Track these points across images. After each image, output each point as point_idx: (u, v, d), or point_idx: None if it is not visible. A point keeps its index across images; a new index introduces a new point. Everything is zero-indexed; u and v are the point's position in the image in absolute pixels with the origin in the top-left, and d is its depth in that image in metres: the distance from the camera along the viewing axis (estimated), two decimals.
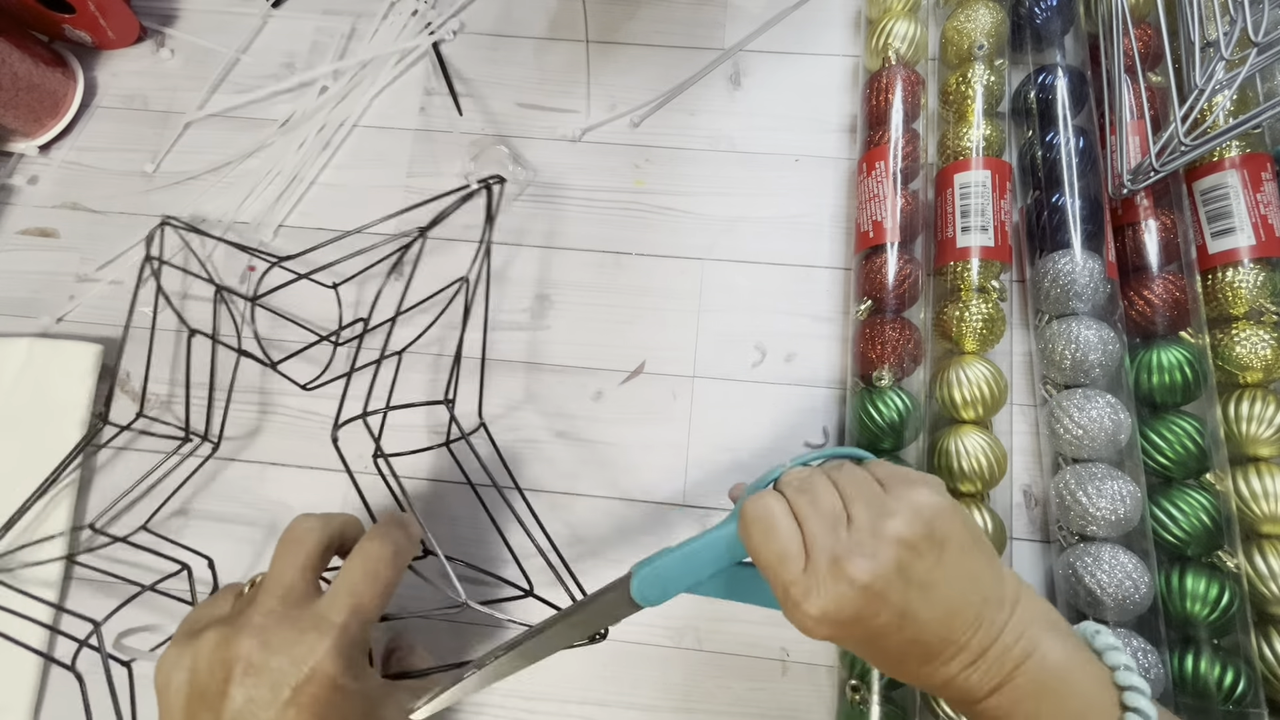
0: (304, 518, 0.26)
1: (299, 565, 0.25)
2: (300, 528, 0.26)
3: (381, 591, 0.25)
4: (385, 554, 0.26)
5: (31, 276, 0.42)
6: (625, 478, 0.38)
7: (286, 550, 0.25)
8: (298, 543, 0.25)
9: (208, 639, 0.23)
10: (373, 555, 0.25)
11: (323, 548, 0.25)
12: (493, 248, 0.40)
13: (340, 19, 0.45)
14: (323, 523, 0.26)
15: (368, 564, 0.25)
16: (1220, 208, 0.35)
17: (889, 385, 0.35)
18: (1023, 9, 0.40)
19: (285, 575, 0.25)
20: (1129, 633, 0.31)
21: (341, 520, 0.27)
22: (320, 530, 0.26)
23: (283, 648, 0.23)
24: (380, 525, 0.27)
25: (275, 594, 0.24)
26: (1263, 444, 0.33)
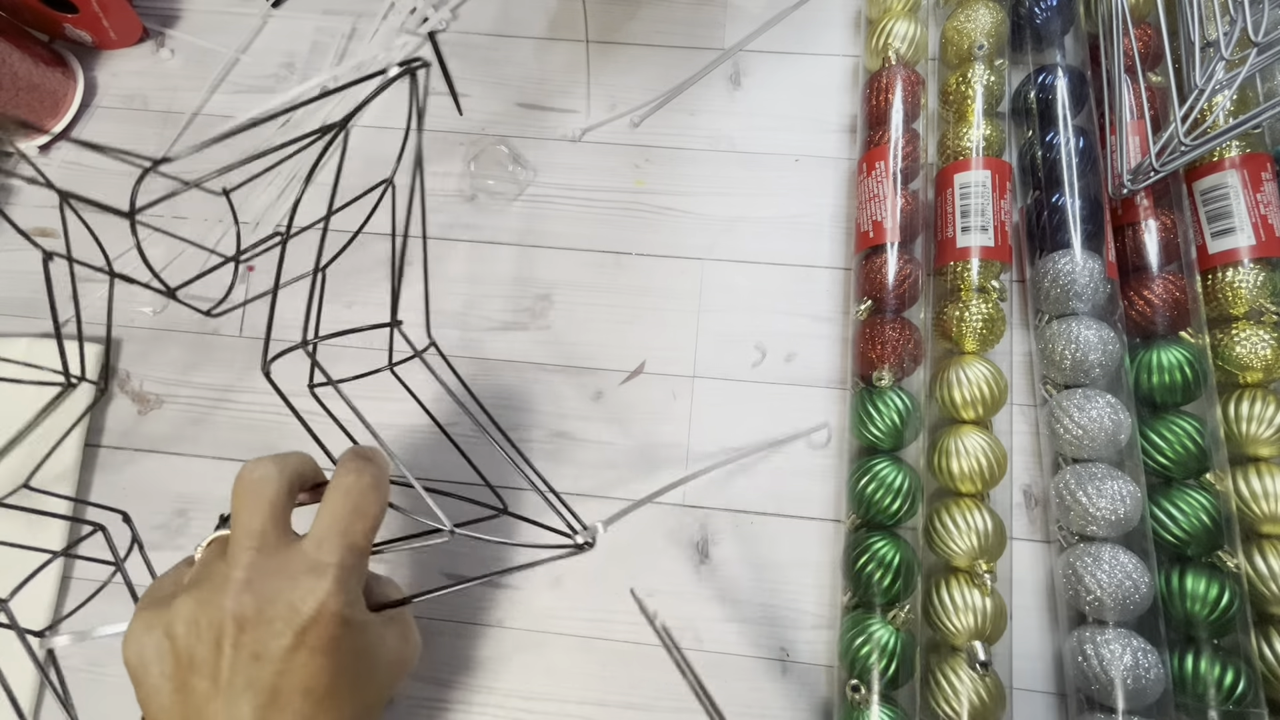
0: (256, 463, 0.24)
1: (266, 513, 0.23)
2: (256, 474, 0.23)
3: (370, 525, 0.24)
4: (365, 486, 0.24)
5: (32, 276, 0.42)
6: (625, 478, 0.38)
7: (247, 499, 0.23)
8: (257, 489, 0.23)
9: (183, 604, 0.22)
10: (354, 489, 0.24)
11: (286, 490, 0.24)
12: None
13: (340, 19, 0.45)
14: (278, 465, 0.24)
15: (349, 498, 0.24)
16: (1220, 208, 0.35)
17: (889, 385, 0.35)
18: (1023, 9, 0.40)
19: (254, 524, 0.23)
20: (1129, 633, 0.31)
21: (296, 459, 0.25)
22: (279, 472, 0.24)
23: (278, 595, 0.22)
24: (348, 459, 0.25)
25: (249, 545, 0.22)
26: (1263, 444, 0.33)
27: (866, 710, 0.32)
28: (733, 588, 0.37)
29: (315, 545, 0.23)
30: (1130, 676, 0.30)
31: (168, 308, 0.41)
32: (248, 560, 0.22)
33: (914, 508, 0.34)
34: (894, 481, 0.34)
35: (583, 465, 0.38)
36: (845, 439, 0.37)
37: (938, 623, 0.32)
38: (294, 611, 0.22)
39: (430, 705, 0.36)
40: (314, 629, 0.22)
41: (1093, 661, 0.31)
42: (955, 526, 0.33)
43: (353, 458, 0.25)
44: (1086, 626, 0.32)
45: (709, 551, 0.37)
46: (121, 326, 0.41)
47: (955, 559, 0.33)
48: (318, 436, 0.27)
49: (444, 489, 0.33)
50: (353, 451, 0.26)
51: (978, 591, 0.32)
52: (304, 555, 0.23)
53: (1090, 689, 0.31)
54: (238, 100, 0.44)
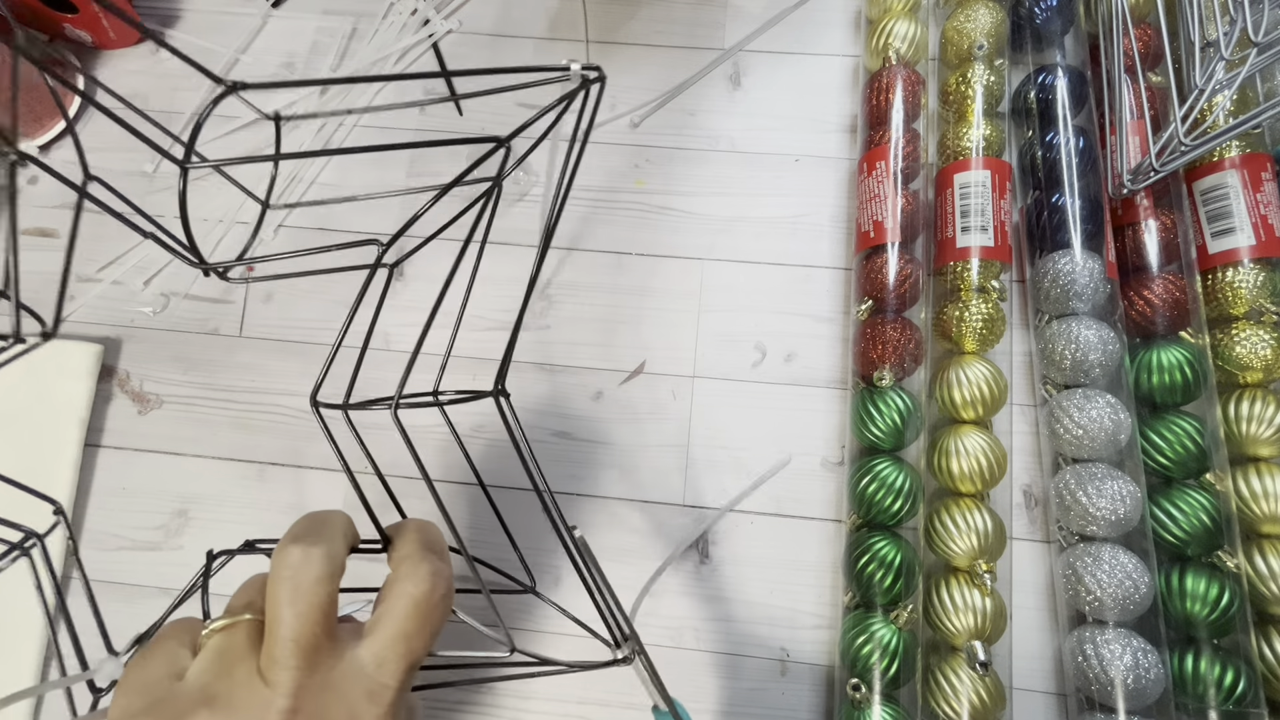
0: (300, 547, 0.20)
1: (316, 620, 0.19)
2: (302, 564, 0.20)
3: (433, 638, 0.21)
4: (436, 600, 0.21)
5: (31, 276, 0.42)
6: (625, 478, 0.38)
7: (292, 596, 0.19)
8: (305, 586, 0.19)
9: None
10: (425, 604, 0.21)
11: (331, 578, 0.20)
12: (492, 243, 0.39)
13: (340, 19, 0.45)
14: (328, 554, 0.20)
15: (419, 614, 0.21)
16: (1220, 208, 0.35)
17: (890, 385, 0.35)
18: (1023, 9, 0.40)
19: (302, 633, 0.19)
20: (1129, 633, 0.31)
21: (342, 534, 0.22)
22: (329, 564, 0.20)
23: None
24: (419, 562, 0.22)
25: (295, 664, 0.19)
26: (1263, 444, 0.33)
27: (868, 710, 0.32)
28: (733, 588, 0.37)
29: (375, 663, 0.20)
30: (1130, 676, 0.30)
31: (168, 307, 0.41)
32: (294, 683, 0.19)
33: (915, 508, 0.34)
34: (895, 481, 0.34)
35: (583, 465, 0.38)
36: (846, 439, 0.37)
37: (938, 623, 0.32)
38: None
39: (430, 705, 0.36)
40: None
41: (1093, 661, 0.31)
42: (955, 526, 0.33)
43: (424, 559, 0.22)
44: (1086, 626, 0.32)
45: (709, 551, 0.37)
46: (122, 326, 0.41)
47: (955, 559, 0.33)
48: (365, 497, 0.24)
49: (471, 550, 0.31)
50: (422, 546, 0.22)
51: (978, 591, 0.32)
52: (361, 673, 0.20)
53: (1090, 689, 0.31)
54: (237, 100, 0.44)
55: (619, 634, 0.26)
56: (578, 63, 0.25)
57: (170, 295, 0.41)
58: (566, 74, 0.25)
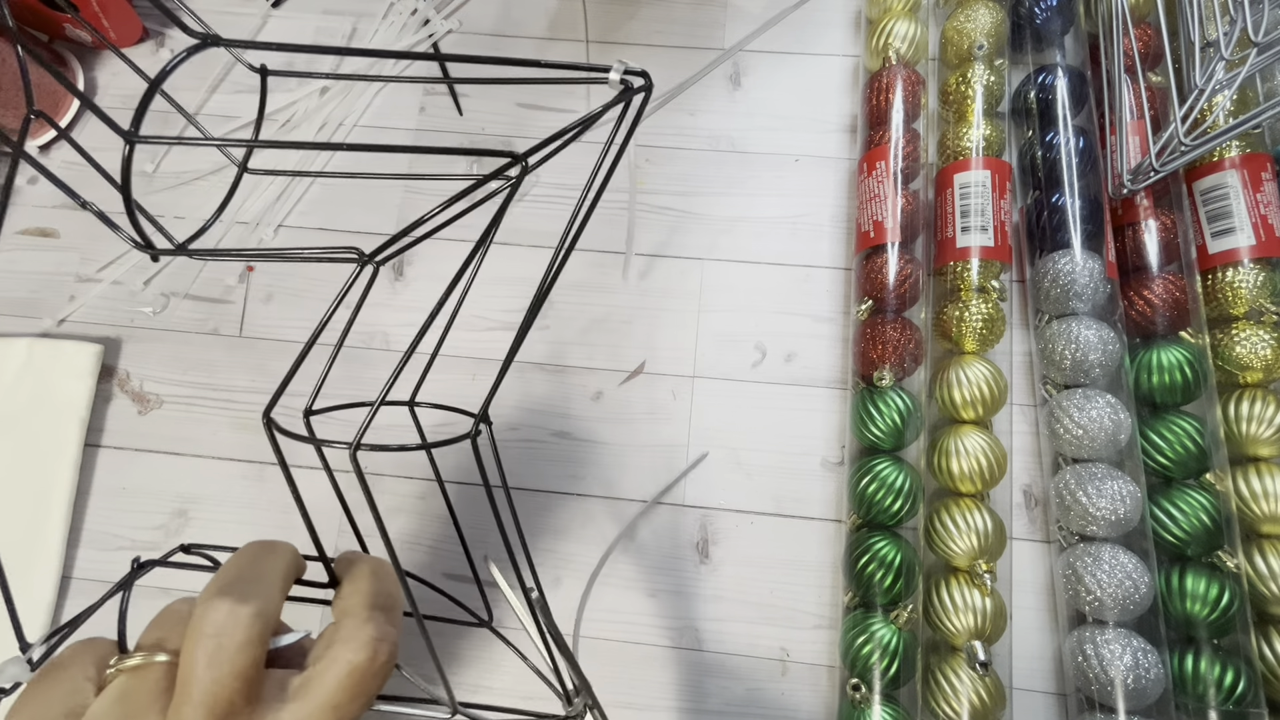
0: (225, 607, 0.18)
1: (232, 685, 0.17)
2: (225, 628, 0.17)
3: (366, 706, 0.20)
4: (376, 665, 0.19)
5: (31, 276, 0.42)
6: (625, 478, 0.38)
7: (202, 653, 0.17)
8: (217, 640, 0.17)
9: None
10: (361, 668, 0.19)
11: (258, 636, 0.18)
12: (493, 243, 0.39)
13: (340, 19, 0.45)
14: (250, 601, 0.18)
15: (353, 681, 0.19)
16: (1220, 208, 0.35)
17: (890, 385, 0.35)
18: (1023, 9, 0.40)
19: (216, 698, 0.17)
20: (1129, 633, 0.31)
21: (278, 566, 0.20)
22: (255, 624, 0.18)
23: None
24: (365, 615, 0.20)
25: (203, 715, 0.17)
26: (1263, 444, 0.33)
27: (868, 710, 0.32)
28: (733, 588, 0.37)
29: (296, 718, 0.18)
30: (1130, 676, 0.30)
31: (168, 307, 0.41)
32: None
33: (915, 507, 0.34)
34: (895, 481, 0.34)
35: (583, 465, 0.38)
36: (846, 439, 0.37)
37: (938, 623, 0.32)
38: None
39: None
40: None
41: (1093, 661, 0.31)
42: (955, 526, 0.33)
43: (368, 620, 0.20)
44: (1086, 626, 0.32)
45: (709, 551, 0.37)
46: (122, 327, 0.41)
47: (955, 559, 0.33)
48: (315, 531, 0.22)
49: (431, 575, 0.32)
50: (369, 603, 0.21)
51: (978, 591, 0.32)
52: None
53: (1090, 689, 0.31)
54: (238, 100, 0.44)
55: (571, 687, 0.24)
56: (623, 65, 0.21)
57: (170, 295, 0.41)
58: (605, 78, 0.21)
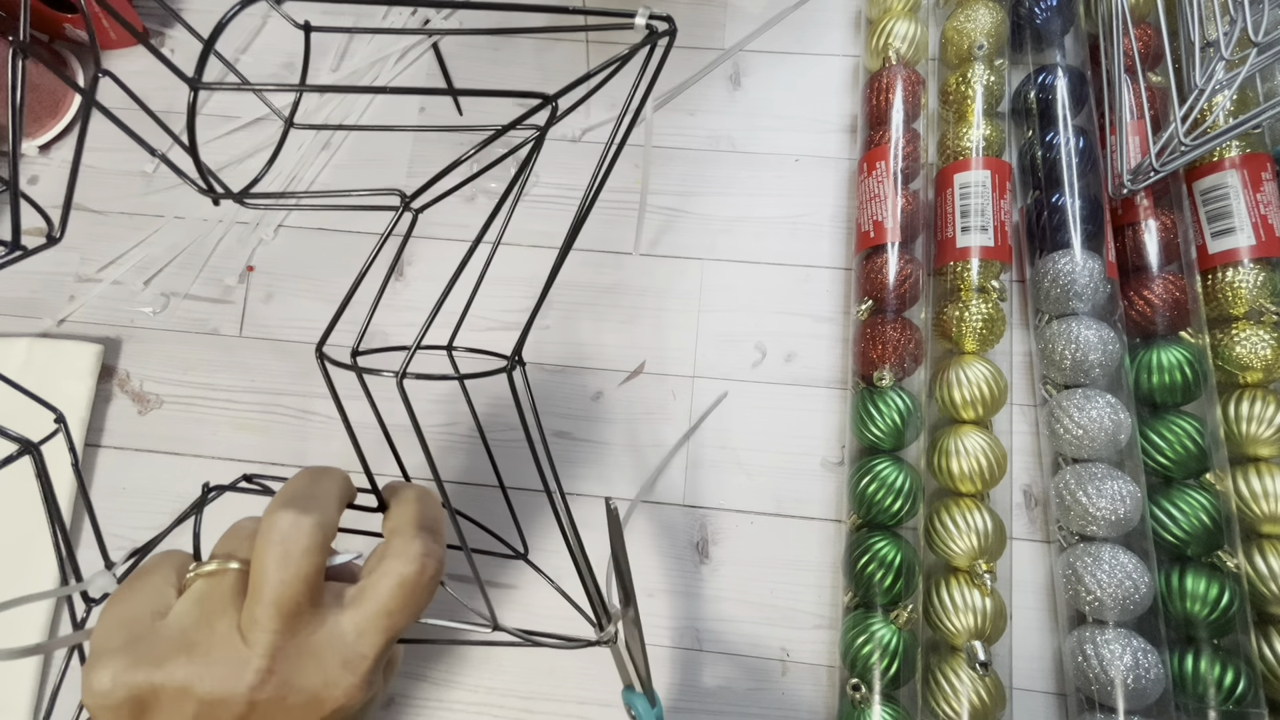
0: (291, 512, 0.20)
1: (299, 587, 0.19)
2: (290, 535, 0.19)
3: (416, 616, 0.21)
4: (425, 581, 0.21)
5: (31, 276, 0.42)
6: (625, 478, 0.38)
7: (278, 560, 0.19)
8: (292, 552, 0.19)
9: (181, 673, 0.18)
10: (412, 585, 0.21)
11: (320, 545, 0.20)
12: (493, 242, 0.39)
13: (340, 19, 0.45)
14: (320, 520, 0.20)
15: (405, 593, 0.21)
16: (1220, 208, 0.35)
17: (890, 385, 0.35)
18: (1023, 9, 0.40)
19: (284, 597, 0.19)
20: (1129, 633, 0.31)
21: (336, 498, 0.22)
22: (319, 531, 0.20)
23: (304, 684, 0.19)
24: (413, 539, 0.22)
25: (274, 627, 0.19)
26: (1263, 444, 0.33)
27: (868, 710, 0.32)
28: (733, 588, 0.37)
29: (355, 634, 0.20)
30: (1130, 676, 0.30)
31: (168, 307, 0.41)
32: (271, 645, 0.19)
33: (915, 507, 0.34)
34: (895, 481, 0.34)
35: (583, 465, 0.38)
36: (846, 439, 0.37)
37: (938, 623, 0.32)
38: (317, 703, 0.19)
39: (430, 705, 0.36)
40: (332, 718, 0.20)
41: (1093, 661, 0.31)
42: (955, 526, 0.33)
43: (417, 536, 0.22)
44: (1086, 626, 0.32)
45: (709, 551, 0.37)
46: (122, 327, 0.41)
47: (955, 559, 0.33)
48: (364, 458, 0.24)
49: (466, 510, 0.32)
50: (417, 522, 0.22)
51: (978, 591, 0.32)
52: (340, 641, 0.20)
53: (1090, 689, 0.31)
54: (238, 100, 0.44)
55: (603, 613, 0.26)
56: (648, 10, 0.21)
57: (170, 295, 0.41)
58: (631, 23, 0.22)
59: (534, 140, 0.23)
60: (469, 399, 0.29)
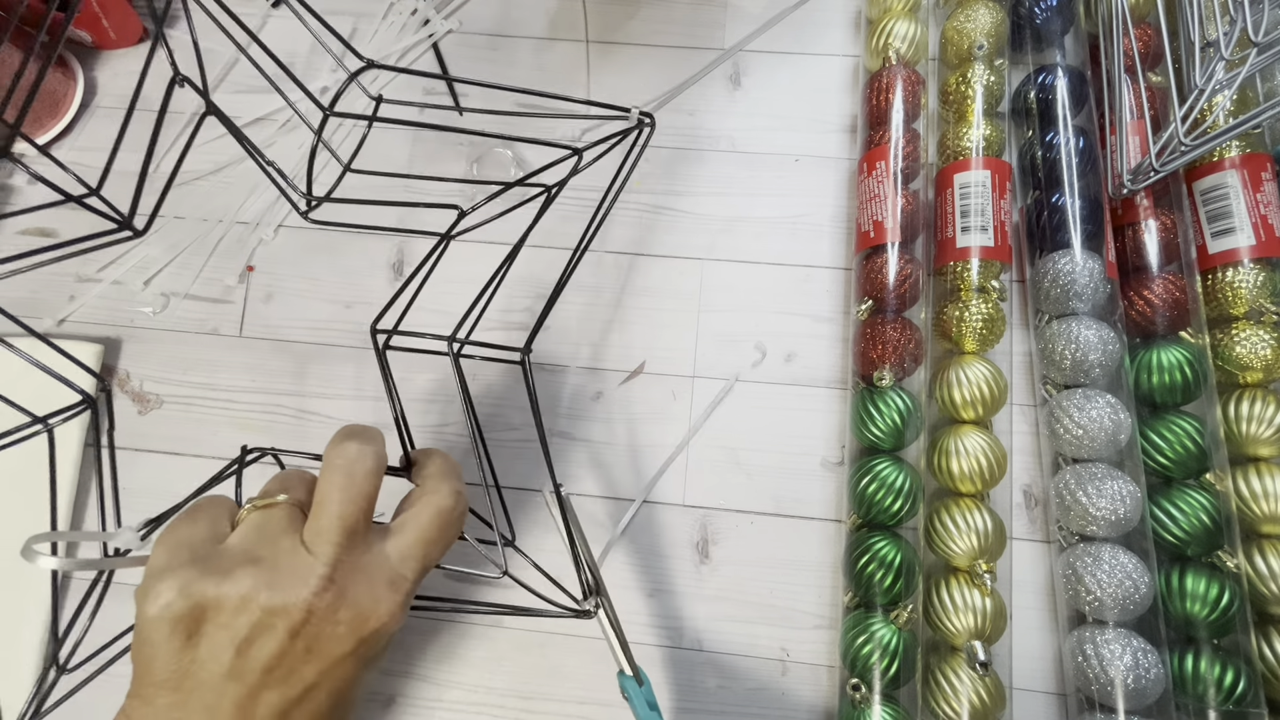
0: (354, 443, 0.23)
1: (360, 505, 0.22)
2: (356, 459, 0.22)
3: (446, 548, 0.24)
4: (458, 514, 0.24)
5: (31, 276, 0.42)
6: (625, 478, 0.38)
7: (342, 482, 0.22)
8: (356, 475, 0.22)
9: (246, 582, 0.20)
10: (448, 515, 0.24)
11: (378, 476, 0.23)
12: (494, 243, 0.39)
13: (340, 19, 0.45)
14: (376, 449, 0.23)
15: (441, 521, 0.23)
16: (1220, 208, 0.35)
17: (890, 385, 0.35)
18: (1023, 9, 0.40)
19: (347, 514, 0.21)
20: (1129, 633, 0.31)
21: (381, 440, 0.24)
22: (377, 459, 0.23)
23: (355, 598, 0.21)
24: (447, 478, 0.25)
25: (336, 540, 0.21)
26: (1263, 444, 0.33)
27: (868, 710, 0.32)
28: (733, 588, 0.37)
29: (399, 557, 0.23)
30: (1130, 676, 0.30)
31: (168, 307, 0.41)
32: (334, 556, 0.21)
33: (915, 507, 0.34)
34: (895, 481, 0.34)
35: (583, 465, 0.38)
36: (846, 439, 0.37)
37: (938, 623, 0.32)
38: (362, 619, 0.21)
39: (430, 705, 0.36)
40: (371, 640, 0.21)
41: (1093, 661, 0.31)
42: (955, 526, 0.33)
43: (448, 478, 0.25)
44: (1086, 626, 0.32)
45: (709, 551, 0.37)
46: (122, 327, 0.41)
47: (955, 559, 0.33)
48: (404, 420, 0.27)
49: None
50: (448, 467, 0.25)
51: (978, 591, 0.32)
52: (386, 564, 0.22)
53: (1090, 689, 0.31)
54: (238, 100, 0.44)
55: (587, 586, 0.29)
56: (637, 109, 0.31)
57: (170, 295, 0.41)
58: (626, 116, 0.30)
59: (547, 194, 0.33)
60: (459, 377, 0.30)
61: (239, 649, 0.20)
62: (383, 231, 0.40)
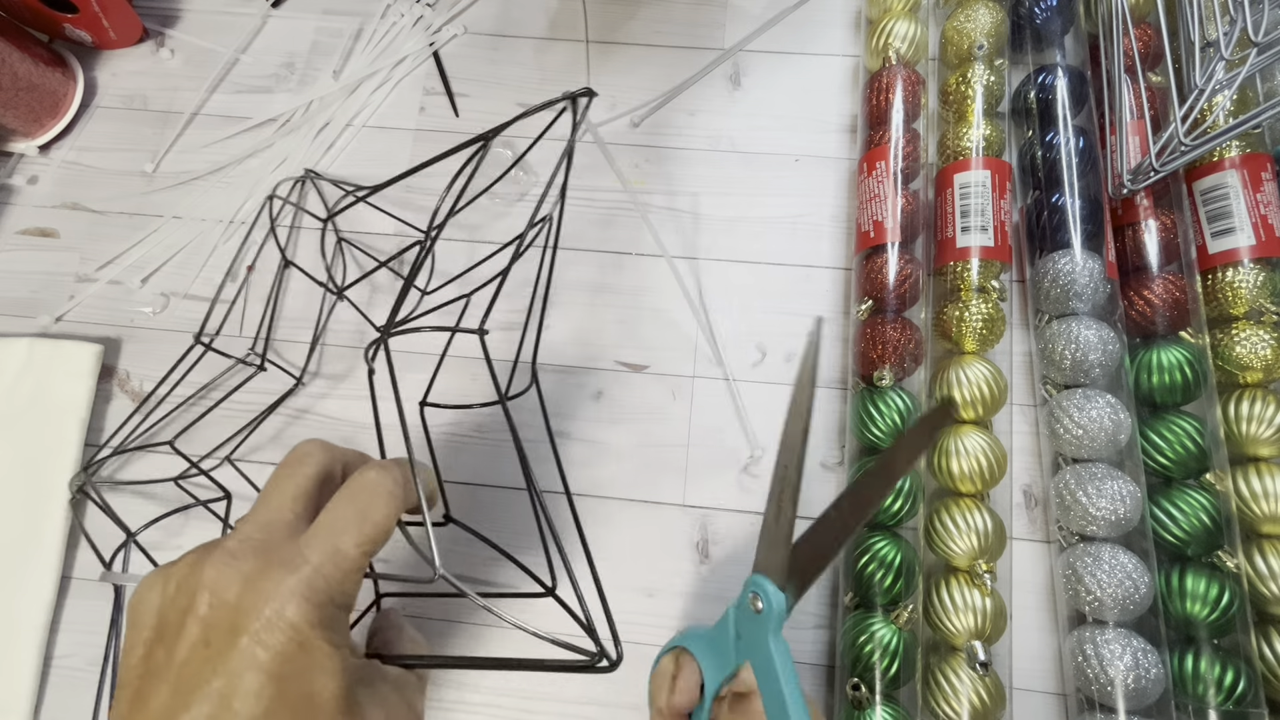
0: (308, 442, 0.23)
1: (289, 492, 0.21)
2: (300, 450, 0.22)
3: (369, 535, 0.20)
4: (381, 489, 0.21)
5: (31, 276, 0.42)
6: (625, 478, 0.38)
7: (281, 474, 0.22)
8: (294, 466, 0.22)
9: (183, 562, 0.20)
10: (365, 488, 0.21)
11: (320, 475, 0.22)
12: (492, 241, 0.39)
13: (340, 19, 0.45)
14: (327, 450, 0.23)
15: (358, 498, 0.21)
16: (1220, 208, 0.35)
17: (890, 385, 0.35)
18: (1023, 9, 0.40)
19: (272, 501, 0.21)
20: (1129, 633, 0.31)
21: (352, 454, 0.24)
22: (320, 455, 0.22)
23: (248, 581, 0.19)
24: (383, 461, 0.23)
25: (258, 520, 0.21)
26: (1263, 444, 0.33)
27: (868, 710, 0.31)
28: (733, 588, 0.37)
29: (305, 540, 0.20)
30: (1130, 676, 0.30)
31: (167, 307, 0.41)
32: (246, 534, 0.20)
33: (915, 508, 0.34)
34: None
35: (582, 465, 0.38)
36: (846, 439, 0.37)
37: (938, 623, 0.32)
38: (255, 606, 0.18)
39: (430, 705, 0.36)
40: (268, 636, 0.18)
41: (1093, 661, 0.31)
42: (955, 526, 0.33)
43: (388, 461, 0.23)
44: (1086, 626, 0.32)
45: (709, 551, 0.37)
46: (122, 327, 0.41)
47: (955, 559, 0.33)
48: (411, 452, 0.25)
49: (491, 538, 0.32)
50: (394, 459, 0.24)
51: (978, 591, 0.32)
52: (290, 546, 0.20)
53: (1090, 689, 0.31)
54: (238, 100, 0.44)
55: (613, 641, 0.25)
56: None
57: (170, 295, 0.41)
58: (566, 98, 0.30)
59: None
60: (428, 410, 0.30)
61: (169, 638, 0.19)
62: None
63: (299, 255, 0.42)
